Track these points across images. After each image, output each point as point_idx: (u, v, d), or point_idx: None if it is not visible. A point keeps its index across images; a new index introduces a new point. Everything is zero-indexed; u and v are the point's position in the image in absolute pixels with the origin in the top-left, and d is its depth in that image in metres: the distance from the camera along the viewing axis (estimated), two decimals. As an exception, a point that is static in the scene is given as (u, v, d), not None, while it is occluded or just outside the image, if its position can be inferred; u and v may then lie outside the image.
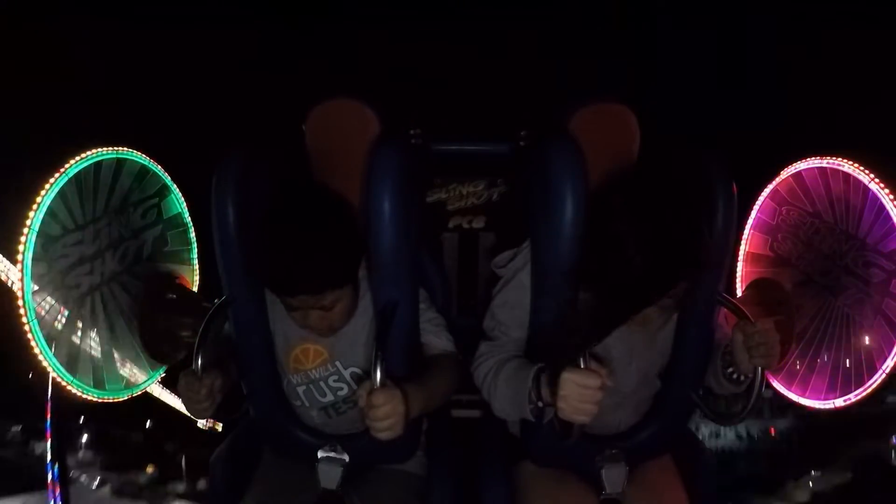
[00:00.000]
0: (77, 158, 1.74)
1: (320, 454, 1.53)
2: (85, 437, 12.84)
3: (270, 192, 1.47)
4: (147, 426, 13.37)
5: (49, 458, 9.20)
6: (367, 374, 1.31)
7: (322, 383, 1.54)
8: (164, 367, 2.06)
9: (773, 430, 13.89)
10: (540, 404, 1.28)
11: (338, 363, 1.53)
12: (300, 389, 1.56)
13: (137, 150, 1.96)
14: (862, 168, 1.73)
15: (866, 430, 11.96)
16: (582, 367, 1.18)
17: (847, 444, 12.46)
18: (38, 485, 9.42)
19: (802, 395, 1.90)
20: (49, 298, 1.68)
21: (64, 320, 1.73)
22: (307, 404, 1.58)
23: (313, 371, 1.54)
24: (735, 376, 1.45)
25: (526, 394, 1.31)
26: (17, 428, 11.78)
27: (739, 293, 2.07)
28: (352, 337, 1.51)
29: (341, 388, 1.55)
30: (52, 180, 1.67)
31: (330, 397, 1.56)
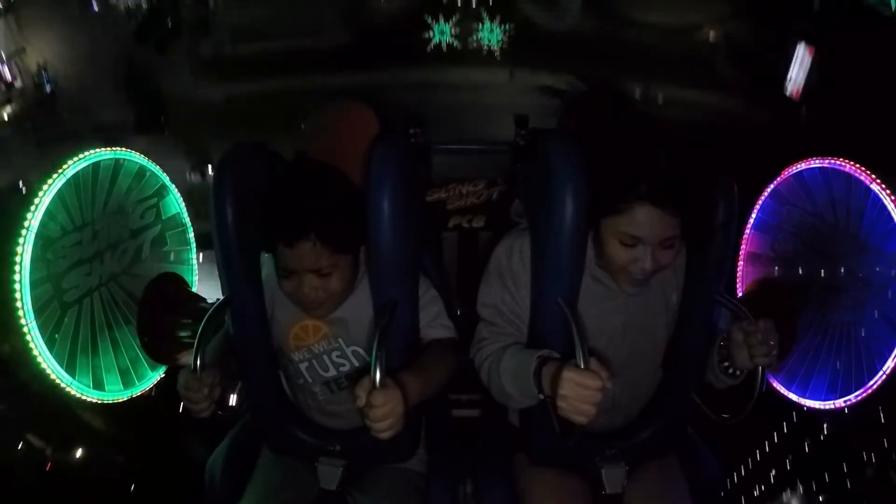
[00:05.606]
0: (75, 159, 1.73)
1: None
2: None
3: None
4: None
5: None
6: (370, 355, 1.31)
7: (325, 357, 1.54)
8: (164, 367, 2.06)
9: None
10: (541, 396, 1.28)
11: (340, 340, 1.53)
12: (303, 366, 1.56)
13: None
14: (863, 168, 1.73)
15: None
16: (582, 366, 1.18)
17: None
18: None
19: (802, 396, 1.90)
20: (48, 300, 1.68)
21: (63, 322, 1.72)
22: (310, 380, 1.57)
23: (316, 345, 1.54)
24: (731, 370, 1.45)
25: (528, 383, 1.30)
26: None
27: (739, 293, 2.07)
28: (350, 317, 1.51)
29: (343, 364, 1.55)
30: (50, 181, 1.66)
31: (332, 372, 1.56)
